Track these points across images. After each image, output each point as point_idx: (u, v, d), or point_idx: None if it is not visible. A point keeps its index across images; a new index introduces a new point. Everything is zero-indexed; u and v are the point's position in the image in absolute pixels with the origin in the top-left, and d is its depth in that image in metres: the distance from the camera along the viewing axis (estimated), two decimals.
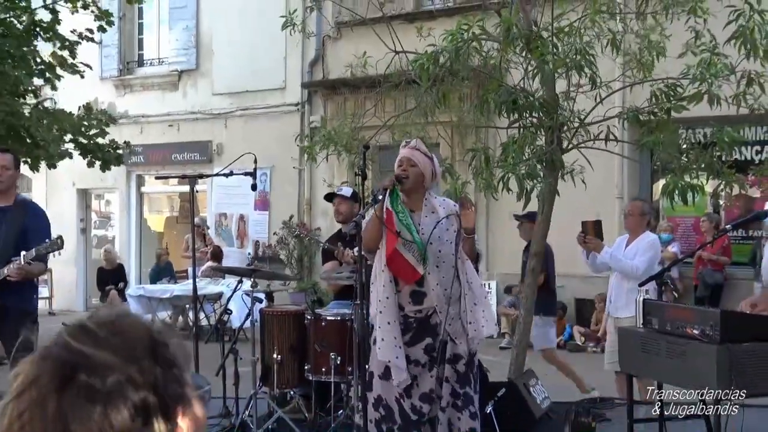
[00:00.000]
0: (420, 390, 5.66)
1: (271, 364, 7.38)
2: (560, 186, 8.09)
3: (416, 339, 5.68)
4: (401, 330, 5.65)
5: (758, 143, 12.08)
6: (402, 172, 5.65)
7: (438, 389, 5.66)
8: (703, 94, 7.59)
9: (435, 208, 5.79)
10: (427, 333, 5.67)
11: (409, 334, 5.67)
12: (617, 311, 7.82)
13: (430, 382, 5.66)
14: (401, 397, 5.63)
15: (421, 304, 5.66)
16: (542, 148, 7.95)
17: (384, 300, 5.66)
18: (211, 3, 19.00)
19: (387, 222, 5.57)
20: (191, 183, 8.72)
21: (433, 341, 5.67)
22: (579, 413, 7.44)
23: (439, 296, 5.64)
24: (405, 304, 5.68)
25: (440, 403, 5.66)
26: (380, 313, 5.68)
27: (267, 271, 9.45)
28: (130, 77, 20.42)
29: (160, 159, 19.61)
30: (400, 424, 5.65)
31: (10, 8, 15.37)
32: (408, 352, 5.64)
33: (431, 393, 5.65)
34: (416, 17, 13.01)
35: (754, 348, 4.43)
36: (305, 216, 17.42)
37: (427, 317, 5.68)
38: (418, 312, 5.67)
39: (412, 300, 5.67)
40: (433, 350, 5.66)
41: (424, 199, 5.80)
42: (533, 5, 8.17)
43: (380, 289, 5.71)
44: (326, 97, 17.16)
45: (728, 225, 12.82)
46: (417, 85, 8.27)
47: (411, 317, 5.68)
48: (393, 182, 5.58)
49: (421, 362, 5.66)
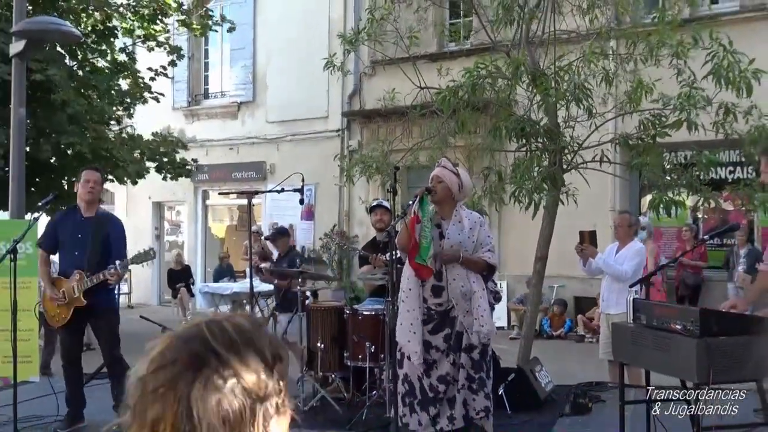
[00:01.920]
0: (438, 372, 5.72)
1: (315, 352, 7.42)
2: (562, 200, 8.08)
3: (438, 329, 5.74)
4: (425, 320, 5.72)
5: (732, 164, 11.98)
6: (434, 186, 5.75)
7: (455, 373, 5.70)
8: (683, 121, 7.57)
9: (462, 218, 5.87)
10: (446, 324, 5.74)
11: (431, 324, 5.74)
12: (609, 308, 7.80)
13: (447, 367, 5.71)
14: (422, 376, 5.69)
15: (440, 297, 5.73)
16: (546, 168, 7.94)
17: (407, 291, 5.78)
18: (265, 45, 19.11)
19: (411, 227, 5.62)
20: (248, 197, 8.77)
21: (450, 331, 5.72)
22: (578, 395, 7.41)
23: (454, 291, 5.70)
24: (428, 297, 5.76)
25: (456, 385, 5.69)
26: (402, 302, 5.79)
27: (312, 273, 9.46)
28: (198, 107, 20.56)
29: (222, 177, 19.70)
30: (420, 398, 5.71)
31: (96, 50, 15.55)
32: (430, 339, 5.72)
33: (447, 376, 5.71)
34: (438, 57, 13.01)
35: (728, 341, 4.40)
36: (345, 225, 17.45)
37: (447, 311, 5.74)
38: (438, 305, 5.75)
39: (433, 293, 5.75)
40: (450, 339, 5.72)
41: (454, 210, 5.84)
42: (537, 47, 8.16)
43: (405, 282, 5.82)
44: (362, 124, 17.19)
45: (706, 235, 12.75)
46: (438, 115, 8.30)
47: (433, 310, 5.75)
48: (423, 192, 5.66)
49: (441, 349, 5.72)
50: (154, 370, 1.23)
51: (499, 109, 8.15)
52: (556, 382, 7.80)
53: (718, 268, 13.31)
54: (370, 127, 16.49)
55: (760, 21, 12.53)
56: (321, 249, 17.17)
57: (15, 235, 7.14)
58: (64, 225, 6.95)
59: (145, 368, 1.24)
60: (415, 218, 5.59)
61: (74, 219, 6.89)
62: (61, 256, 6.94)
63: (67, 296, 6.63)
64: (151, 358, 1.25)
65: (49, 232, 7.01)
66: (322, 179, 16.44)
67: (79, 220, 6.83)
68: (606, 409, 6.94)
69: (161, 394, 1.20)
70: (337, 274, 16.33)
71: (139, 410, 1.22)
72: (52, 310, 6.77)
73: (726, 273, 12.89)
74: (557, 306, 14.47)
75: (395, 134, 9.78)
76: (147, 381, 1.23)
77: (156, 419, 1.20)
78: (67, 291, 6.63)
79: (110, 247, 6.77)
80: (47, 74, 13.03)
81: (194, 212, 20.73)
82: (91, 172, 7.03)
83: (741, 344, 4.43)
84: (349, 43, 9.06)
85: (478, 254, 5.82)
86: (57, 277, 6.83)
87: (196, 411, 1.19)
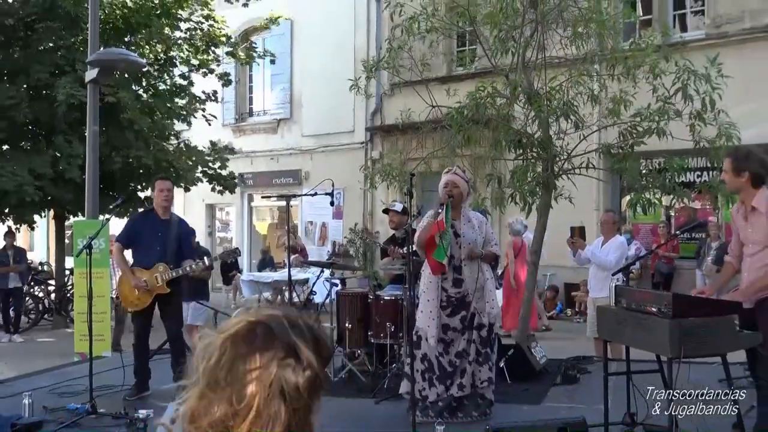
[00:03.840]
0: (455, 349, 5.76)
1: (343, 331, 7.42)
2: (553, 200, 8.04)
3: (455, 312, 5.78)
4: (444, 306, 5.76)
5: (699, 169, 11.86)
6: (450, 192, 5.74)
7: (468, 348, 5.73)
8: (654, 130, 7.53)
9: (470, 218, 5.95)
10: (462, 308, 5.79)
11: (450, 308, 5.79)
12: (595, 293, 7.77)
13: (463, 343, 5.76)
14: (440, 354, 5.72)
15: (460, 287, 5.78)
16: (540, 174, 7.90)
17: (427, 283, 5.83)
18: (300, 71, 19.17)
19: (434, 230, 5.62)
20: (287, 200, 8.81)
21: (466, 314, 5.77)
22: (568, 367, 7.37)
23: (471, 281, 5.75)
24: (448, 288, 5.79)
25: (468, 357, 5.71)
26: (424, 292, 5.84)
27: (341, 264, 9.50)
28: (243, 124, 20.64)
29: (264, 182, 19.78)
30: (438, 374, 5.71)
31: (158, 77, 15.66)
32: (449, 321, 5.77)
33: (463, 351, 5.74)
34: (447, 80, 12.96)
35: (697, 322, 4.36)
36: (368, 223, 17.46)
37: (464, 297, 5.79)
38: (457, 293, 5.79)
39: (453, 284, 5.79)
40: (466, 320, 5.77)
41: (461, 211, 5.84)
42: (532, 71, 8.12)
43: (426, 275, 5.85)
44: (383, 137, 17.19)
45: (677, 230, 12.66)
46: (448, 129, 8.28)
47: (453, 297, 5.80)
48: (447, 200, 5.66)
49: (458, 329, 5.78)
50: (246, 353, 1.26)
51: (499, 124, 8.12)
52: (549, 356, 7.76)
53: (689, 258, 13.19)
54: (390, 140, 16.48)
55: (722, 47, 12.43)
56: (348, 243, 17.18)
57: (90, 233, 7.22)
58: (144, 225, 7.01)
59: (232, 349, 1.27)
60: (441, 223, 5.58)
61: (153, 220, 6.95)
62: (139, 250, 6.97)
63: (150, 284, 6.67)
64: (235, 340, 1.28)
65: (128, 229, 7.06)
66: (349, 184, 16.45)
67: (157, 222, 6.89)
68: (592, 380, 6.91)
69: (257, 376, 1.23)
70: (362, 264, 16.33)
71: (232, 385, 1.24)
72: (131, 295, 6.77)
73: (695, 263, 12.79)
74: (550, 291, 14.41)
75: (411, 146, 9.77)
76: (238, 361, 1.25)
77: (252, 395, 1.23)
78: (150, 280, 6.67)
79: (183, 244, 6.88)
80: (117, 97, 13.16)
81: (241, 213, 20.84)
82: (164, 182, 7.11)
83: (708, 324, 4.39)
84: (369, 71, 9.07)
85: (487, 248, 5.91)
86: (135, 268, 6.87)
87: (287, 390, 1.23)
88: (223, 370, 1.24)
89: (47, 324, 14.57)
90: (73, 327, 9.97)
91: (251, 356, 1.24)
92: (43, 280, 16.13)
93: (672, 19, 13.76)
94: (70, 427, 5.76)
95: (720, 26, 12.91)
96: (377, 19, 17.31)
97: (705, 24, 13.27)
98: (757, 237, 4.70)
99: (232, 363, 1.24)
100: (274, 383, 1.22)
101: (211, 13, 15.81)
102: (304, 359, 1.25)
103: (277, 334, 1.27)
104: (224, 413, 1.23)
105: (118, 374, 7.07)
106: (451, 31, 9.73)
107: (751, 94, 11.37)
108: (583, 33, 7.89)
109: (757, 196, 4.69)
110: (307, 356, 1.25)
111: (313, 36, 18.60)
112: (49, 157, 13.52)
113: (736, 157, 4.80)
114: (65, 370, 8.20)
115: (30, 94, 13.90)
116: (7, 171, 12.84)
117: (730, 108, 7.64)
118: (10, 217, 14.70)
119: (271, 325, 1.28)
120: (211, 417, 1.23)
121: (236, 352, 1.25)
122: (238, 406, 1.22)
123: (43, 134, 14.33)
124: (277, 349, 1.25)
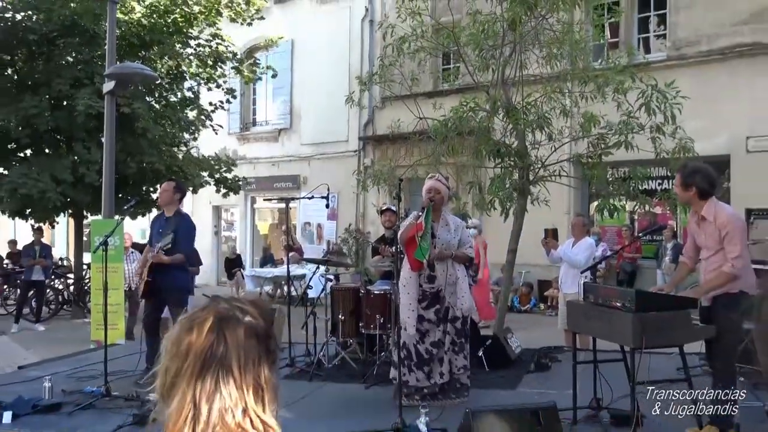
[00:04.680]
0: (431, 339, 5.78)
1: (337, 322, 7.40)
2: (529, 206, 8.05)
3: (430, 305, 5.79)
4: (421, 299, 5.78)
5: (660, 178, 11.91)
6: (432, 197, 5.76)
7: (443, 338, 5.75)
8: (622, 142, 7.56)
9: (448, 221, 5.94)
10: (437, 302, 5.80)
11: (426, 302, 5.80)
12: (565, 289, 7.77)
13: (438, 334, 5.77)
14: (417, 342, 5.74)
15: (433, 283, 5.79)
16: (516, 181, 7.92)
17: (407, 279, 5.83)
18: (300, 85, 19.10)
19: (414, 231, 5.62)
20: (286, 203, 8.80)
21: (440, 307, 5.78)
22: (540, 356, 7.38)
23: (443, 278, 5.77)
24: (423, 283, 5.80)
25: (444, 347, 5.74)
26: (404, 286, 5.85)
27: (335, 261, 9.46)
28: (247, 133, 20.55)
29: (266, 186, 19.69)
30: (416, 361, 5.75)
31: (169, 89, 15.61)
32: (424, 313, 5.79)
33: (438, 341, 5.75)
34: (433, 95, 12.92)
35: (657, 315, 4.39)
36: (360, 224, 17.42)
37: (437, 292, 5.79)
38: (432, 288, 5.80)
39: (428, 280, 5.81)
40: (440, 313, 5.79)
41: (441, 214, 5.85)
42: (510, 87, 8.15)
43: (406, 271, 5.86)
44: (374, 146, 17.15)
45: (640, 233, 12.71)
46: (433, 139, 8.29)
47: (428, 292, 5.80)
48: (429, 204, 5.68)
49: (433, 320, 5.79)
50: (202, 321, 1.26)
51: (480, 136, 8.13)
52: (523, 346, 7.78)
53: (650, 258, 13.25)
54: (380, 149, 16.47)
55: (681, 68, 12.53)
56: (342, 243, 17.15)
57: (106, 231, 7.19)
58: (155, 223, 7.17)
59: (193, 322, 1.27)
60: (420, 225, 5.58)
61: (161, 218, 7.09)
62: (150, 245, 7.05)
63: (142, 274, 6.80)
64: (199, 317, 1.28)
65: (150, 229, 7.25)
66: (343, 188, 16.41)
67: (163, 219, 6.98)
68: (562, 368, 6.91)
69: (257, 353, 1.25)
70: (354, 262, 16.32)
71: (244, 356, 1.23)
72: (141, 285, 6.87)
73: (656, 263, 12.85)
74: (525, 287, 14.43)
75: (400, 154, 9.79)
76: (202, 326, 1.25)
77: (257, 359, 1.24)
78: (145, 257, 6.89)
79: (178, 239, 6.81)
80: (132, 107, 13.13)
81: (244, 214, 20.75)
82: (164, 184, 7.11)
83: (667, 318, 4.42)
84: (363, 84, 9.08)
85: (461, 250, 5.90)
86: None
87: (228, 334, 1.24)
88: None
89: (66, 314, 14.49)
90: (90, 317, 9.92)
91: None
92: (63, 274, 16.04)
93: (637, 41, 13.83)
94: (86, 408, 5.72)
95: (680, 49, 12.99)
96: (370, 39, 17.29)
97: (666, 47, 13.35)
98: (709, 243, 4.75)
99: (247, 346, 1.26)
100: (270, 357, 1.25)
101: (218, 32, 15.78)
102: (246, 310, 1.27)
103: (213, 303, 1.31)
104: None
105: (132, 360, 7.04)
106: (437, 51, 9.75)
107: (705, 110, 11.44)
108: (557, 53, 7.93)
109: (705, 207, 4.74)
110: (247, 308, 1.28)
111: (311, 54, 18.56)
112: (69, 162, 13.48)
113: (684, 174, 4.82)
114: (82, 356, 8.16)
115: (52, 104, 13.86)
116: (31, 177, 12.83)
117: (687, 123, 7.69)
118: (34, 216, 14.66)
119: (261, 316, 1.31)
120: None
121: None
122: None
123: (64, 141, 14.28)
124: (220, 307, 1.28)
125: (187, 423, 1.17)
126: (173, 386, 1.21)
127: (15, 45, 13.90)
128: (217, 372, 1.19)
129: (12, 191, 12.87)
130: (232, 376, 1.20)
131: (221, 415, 1.17)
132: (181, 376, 1.21)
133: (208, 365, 1.20)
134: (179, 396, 1.20)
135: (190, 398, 1.18)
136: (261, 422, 1.19)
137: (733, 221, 4.68)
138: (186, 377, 1.20)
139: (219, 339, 1.21)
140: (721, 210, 4.74)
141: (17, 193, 12.81)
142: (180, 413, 1.19)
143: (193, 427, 1.17)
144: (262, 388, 1.21)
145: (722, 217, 4.65)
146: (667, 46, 13.31)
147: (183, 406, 1.19)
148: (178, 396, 1.20)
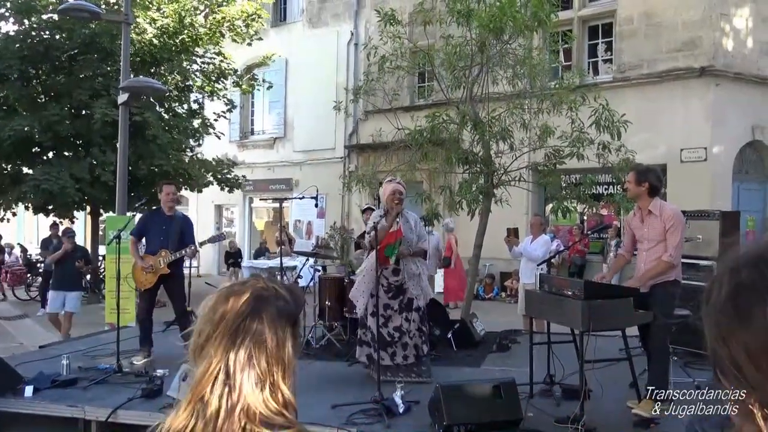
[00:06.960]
0: (393, 324, 5.79)
1: (324, 307, 7.38)
2: (493, 207, 8.06)
3: (395, 296, 5.83)
4: (386, 290, 5.79)
5: (606, 184, 12.00)
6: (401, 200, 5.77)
7: (407, 325, 5.78)
8: (574, 154, 7.60)
9: (408, 219, 5.98)
10: (400, 293, 5.83)
11: (391, 293, 5.82)
12: (524, 279, 7.80)
13: (400, 320, 5.78)
14: (381, 326, 5.70)
15: (398, 276, 5.81)
16: (482, 185, 7.92)
17: (368, 269, 5.83)
18: (293, 99, 19.02)
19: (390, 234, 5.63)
20: (280, 202, 8.73)
21: (403, 297, 5.81)
22: (502, 338, 7.41)
23: (405, 272, 5.81)
24: (388, 276, 5.81)
25: (408, 334, 5.76)
26: (363, 275, 5.91)
27: (323, 254, 9.43)
28: (246, 141, 20.40)
29: (262, 188, 19.57)
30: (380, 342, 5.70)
31: (176, 101, 15.49)
32: (389, 302, 5.80)
33: (401, 327, 5.77)
34: (410, 109, 12.97)
35: (603, 303, 4.41)
36: (345, 222, 17.37)
37: (401, 284, 5.82)
38: (396, 281, 5.82)
39: (393, 273, 5.83)
40: (403, 302, 5.81)
41: (402, 212, 5.83)
42: (477, 103, 8.16)
43: (368, 262, 5.90)
44: (358, 154, 17.11)
45: (588, 231, 12.81)
46: (410, 148, 8.28)
47: (393, 284, 5.82)
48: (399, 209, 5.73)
49: (395, 308, 5.80)
50: (237, 294, 1.22)
51: (451, 145, 8.13)
52: (487, 329, 7.80)
53: (597, 253, 13.37)
54: (364, 156, 16.42)
55: (626, 88, 12.65)
56: (329, 238, 17.09)
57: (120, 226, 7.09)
58: (152, 221, 6.84)
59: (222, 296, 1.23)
60: (399, 232, 5.63)
61: (160, 217, 6.80)
62: (148, 241, 6.77)
63: (155, 267, 6.54)
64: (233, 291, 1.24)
65: (140, 225, 6.88)
66: (330, 190, 16.35)
67: (164, 218, 6.74)
68: (520, 348, 6.94)
69: (237, 308, 1.19)
70: (339, 255, 16.27)
71: (277, 334, 1.19)
72: (141, 277, 6.60)
73: (602, 257, 12.96)
74: (488, 278, 14.48)
75: (380, 161, 9.75)
76: (221, 301, 1.21)
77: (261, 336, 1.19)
78: (155, 264, 6.53)
79: (184, 236, 6.72)
80: (143, 116, 13.00)
81: (243, 212, 20.61)
82: (169, 186, 6.94)
83: (611, 305, 4.45)
84: (354, 94, 9.08)
85: (418, 245, 5.93)
86: (144, 254, 6.72)
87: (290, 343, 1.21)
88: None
89: (83, 300, 14.28)
90: (105, 302, 9.79)
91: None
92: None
93: (587, 65, 13.93)
94: (100, 383, 5.64)
95: (624, 71, 13.11)
96: (355, 59, 17.26)
97: (612, 70, 13.47)
98: (652, 235, 4.81)
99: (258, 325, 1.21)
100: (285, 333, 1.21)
101: (221, 51, 15.71)
102: (281, 294, 1.23)
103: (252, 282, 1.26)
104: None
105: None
106: (414, 70, 9.74)
107: (646, 125, 11.56)
108: (520, 74, 7.95)
109: (653, 203, 4.82)
110: (282, 292, 1.23)
111: (303, 71, 18.47)
112: (87, 164, 13.39)
113: (639, 171, 4.96)
114: (97, 337, 8.05)
115: (72, 112, 13.78)
116: (53, 176, 12.75)
117: (631, 136, 7.75)
118: (55, 212, 14.51)
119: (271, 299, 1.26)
120: None
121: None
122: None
123: (82, 145, 14.13)
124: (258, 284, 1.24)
125: (216, 386, 1.15)
126: (202, 349, 1.19)
127: (40, 60, 13.76)
128: (251, 345, 1.16)
129: (35, 187, 12.78)
130: (266, 351, 1.17)
131: (252, 385, 1.15)
132: (211, 341, 1.18)
133: (241, 337, 1.17)
134: (207, 359, 1.17)
135: (223, 365, 1.15)
136: (282, 396, 1.18)
137: (677, 216, 4.79)
138: (215, 343, 1.17)
139: (254, 314, 1.18)
140: (666, 206, 4.86)
141: (40, 189, 12.72)
142: (204, 374, 1.16)
143: (229, 393, 1.14)
144: (287, 365, 1.20)
145: (667, 212, 4.77)
146: (613, 69, 13.43)
147: (209, 368, 1.16)
148: (206, 358, 1.17)
